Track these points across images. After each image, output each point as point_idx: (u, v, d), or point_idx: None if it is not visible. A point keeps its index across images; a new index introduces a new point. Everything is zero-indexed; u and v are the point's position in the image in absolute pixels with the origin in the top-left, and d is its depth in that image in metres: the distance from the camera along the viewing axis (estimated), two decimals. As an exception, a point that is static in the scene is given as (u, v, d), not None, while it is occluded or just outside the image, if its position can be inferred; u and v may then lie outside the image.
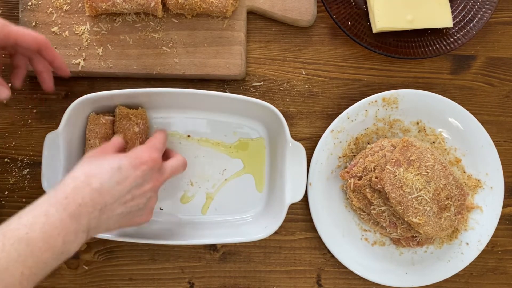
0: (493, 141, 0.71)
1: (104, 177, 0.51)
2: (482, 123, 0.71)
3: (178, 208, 0.71)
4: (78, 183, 0.50)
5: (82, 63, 0.70)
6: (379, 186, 0.65)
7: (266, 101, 0.66)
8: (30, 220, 0.46)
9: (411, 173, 0.64)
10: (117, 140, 0.62)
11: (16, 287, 0.44)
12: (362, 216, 0.71)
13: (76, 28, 0.70)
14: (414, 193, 0.64)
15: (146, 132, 0.68)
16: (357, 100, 0.70)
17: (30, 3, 0.70)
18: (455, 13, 0.73)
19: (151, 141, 0.61)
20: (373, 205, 0.67)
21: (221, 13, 0.67)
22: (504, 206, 0.72)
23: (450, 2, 0.72)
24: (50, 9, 0.70)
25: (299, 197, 0.66)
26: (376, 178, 0.65)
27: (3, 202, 0.72)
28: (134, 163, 0.54)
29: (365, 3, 0.73)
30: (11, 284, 0.43)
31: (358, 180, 0.68)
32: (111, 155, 0.56)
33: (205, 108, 0.70)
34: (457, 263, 0.71)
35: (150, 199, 0.58)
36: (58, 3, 0.70)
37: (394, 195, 0.64)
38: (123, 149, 0.63)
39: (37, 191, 0.72)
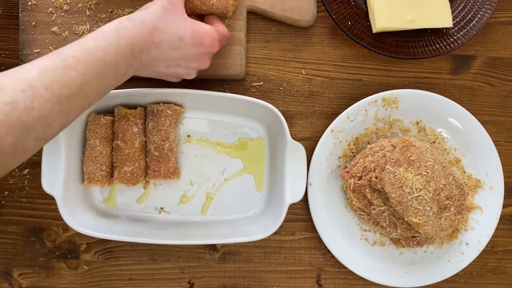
0: (493, 141, 0.71)
1: (166, 39, 0.56)
2: (482, 123, 0.71)
3: (178, 208, 0.71)
4: (145, 31, 0.55)
5: (82, 63, 0.70)
6: (379, 186, 0.65)
7: (266, 101, 0.66)
8: (105, 45, 0.51)
9: (411, 173, 0.64)
10: None
11: (91, 100, 0.51)
12: (362, 216, 0.71)
13: (76, 28, 0.70)
14: (414, 193, 0.64)
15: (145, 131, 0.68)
16: (357, 100, 0.70)
17: (30, 3, 0.70)
18: (455, 13, 0.73)
19: (218, 27, 0.64)
20: (373, 205, 0.67)
21: (222, 14, 0.67)
22: (504, 206, 0.72)
23: (450, 2, 0.72)
24: (50, 9, 0.70)
25: (299, 197, 0.66)
26: (376, 178, 0.65)
27: (3, 202, 0.72)
28: (195, 41, 0.59)
29: (365, 3, 0.73)
30: (88, 96, 0.50)
31: (358, 180, 0.68)
32: (181, 19, 0.59)
33: (205, 108, 0.70)
34: (457, 263, 0.71)
35: (190, 73, 0.63)
36: (58, 3, 0.70)
37: (394, 195, 0.64)
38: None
39: (37, 191, 0.72)
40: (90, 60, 0.50)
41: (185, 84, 0.73)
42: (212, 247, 0.73)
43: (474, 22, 0.72)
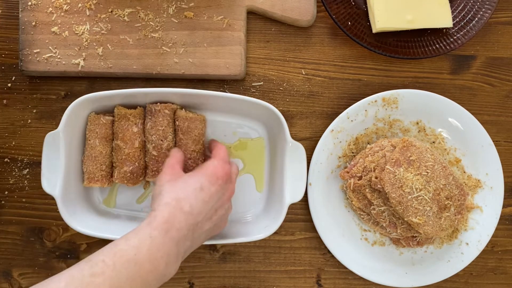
0: (493, 141, 0.71)
1: (191, 199, 0.54)
2: (482, 123, 0.71)
3: (178, 208, 0.71)
4: (172, 209, 0.53)
5: (82, 63, 0.70)
6: (379, 186, 0.65)
7: (266, 101, 0.66)
8: (137, 243, 0.49)
9: (411, 173, 0.64)
10: (178, 154, 0.63)
11: None
12: (362, 216, 0.71)
13: (76, 28, 0.70)
14: (414, 193, 0.64)
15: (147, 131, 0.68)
16: (357, 100, 0.70)
17: (30, 3, 0.70)
18: (455, 13, 0.73)
19: (219, 154, 0.62)
20: (373, 205, 0.67)
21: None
22: (504, 206, 0.72)
23: (450, 2, 0.72)
24: (50, 9, 0.70)
25: (299, 197, 0.66)
26: (376, 178, 0.65)
27: (3, 202, 0.72)
28: (212, 180, 0.57)
29: (365, 3, 0.73)
30: None
31: (358, 180, 0.68)
32: (188, 175, 0.58)
33: (205, 108, 0.70)
34: (457, 263, 0.71)
35: (228, 208, 0.62)
36: (58, 3, 0.70)
37: (394, 195, 0.64)
38: (184, 160, 0.64)
39: (37, 191, 0.72)
40: (120, 261, 0.47)
41: (185, 84, 0.73)
42: (212, 247, 0.73)
43: (474, 22, 0.72)
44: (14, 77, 0.73)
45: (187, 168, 0.66)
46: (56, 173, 0.64)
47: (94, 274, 0.46)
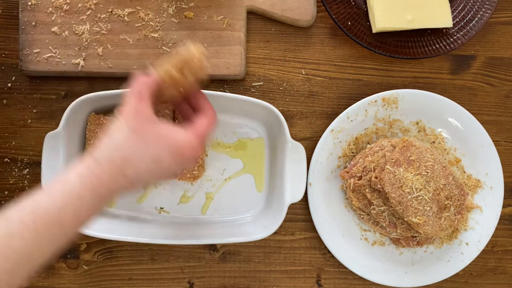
0: (493, 141, 0.71)
1: (141, 168, 0.48)
2: (482, 123, 0.71)
3: (178, 208, 0.71)
4: (115, 171, 0.47)
5: (82, 63, 0.70)
6: (379, 186, 0.65)
7: (266, 101, 0.66)
8: (63, 202, 0.45)
9: (411, 173, 0.64)
10: (146, 83, 0.51)
11: (43, 263, 0.44)
12: (362, 216, 0.71)
13: (76, 28, 0.70)
14: (414, 193, 0.64)
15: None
16: (357, 100, 0.70)
17: (30, 3, 0.70)
18: (455, 13, 0.73)
19: (202, 128, 0.52)
20: (373, 205, 0.67)
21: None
22: (504, 206, 0.72)
23: (450, 2, 0.72)
24: (50, 9, 0.70)
25: (299, 197, 0.66)
26: (376, 178, 0.65)
27: (3, 202, 0.72)
28: (176, 158, 0.50)
29: (365, 3, 0.73)
30: (41, 259, 0.44)
31: (358, 180, 0.68)
32: (155, 138, 0.49)
33: (205, 108, 0.70)
34: (457, 263, 0.71)
35: (175, 175, 0.56)
36: (58, 3, 0.70)
37: (394, 195, 0.64)
38: (156, 87, 0.53)
39: (37, 191, 0.72)
40: (42, 222, 0.43)
41: (185, 84, 0.73)
42: (212, 247, 0.73)
43: (474, 22, 0.72)
44: (14, 77, 0.73)
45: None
46: (56, 173, 0.64)
47: (11, 235, 0.42)
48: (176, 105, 0.59)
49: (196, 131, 0.52)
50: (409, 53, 0.71)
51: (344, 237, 0.71)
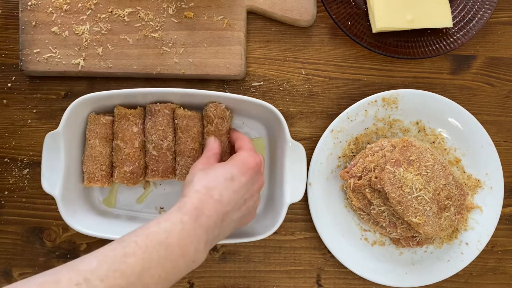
0: (493, 141, 0.71)
1: (222, 189, 0.55)
2: (482, 123, 0.71)
3: (178, 208, 0.71)
4: (202, 196, 0.53)
5: (82, 63, 0.70)
6: (378, 186, 0.65)
7: (266, 101, 0.66)
8: (168, 227, 0.49)
9: (411, 173, 0.64)
10: (215, 145, 0.64)
11: (148, 282, 0.47)
12: (362, 216, 0.71)
13: (76, 28, 0.70)
14: (413, 193, 0.64)
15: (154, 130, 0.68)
16: (357, 100, 0.70)
17: (30, 3, 0.70)
18: (455, 13, 0.73)
19: (246, 145, 0.63)
20: (373, 205, 0.67)
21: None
22: (504, 206, 0.72)
23: (450, 2, 0.72)
24: (50, 9, 0.70)
25: (299, 197, 0.66)
26: (376, 178, 0.65)
27: (3, 202, 0.72)
28: (243, 170, 0.57)
29: (365, 3, 0.73)
30: (149, 284, 0.47)
31: (358, 180, 0.68)
32: (220, 165, 0.58)
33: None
34: (457, 263, 0.71)
35: (257, 199, 0.62)
36: (58, 3, 0.70)
37: (394, 195, 0.64)
38: (220, 152, 0.65)
39: (37, 191, 0.72)
40: (152, 244, 0.48)
41: (185, 84, 0.73)
42: (212, 247, 0.72)
43: (474, 22, 0.72)
44: (14, 77, 0.73)
45: (187, 167, 0.67)
46: (56, 173, 0.64)
47: (127, 254, 0.46)
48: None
49: (244, 147, 0.62)
50: (409, 53, 0.71)
51: (344, 237, 0.71)
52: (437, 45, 0.72)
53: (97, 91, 0.66)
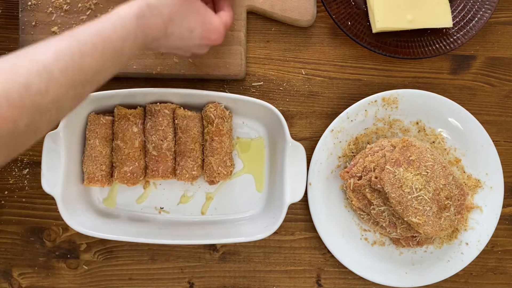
0: (493, 141, 0.71)
1: (177, 30, 0.56)
2: (482, 123, 0.71)
3: (178, 208, 0.71)
4: (161, 23, 0.54)
5: (82, 63, 0.70)
6: (378, 186, 0.65)
7: (266, 101, 0.66)
8: (125, 35, 0.51)
9: (411, 173, 0.64)
10: None
11: (100, 84, 0.51)
12: (362, 216, 0.71)
13: (76, 28, 0.70)
14: (413, 193, 0.64)
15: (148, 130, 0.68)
16: (357, 100, 0.70)
17: (30, 3, 0.70)
18: (455, 13, 0.73)
19: (225, 17, 0.63)
20: (373, 205, 0.67)
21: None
22: (504, 206, 0.72)
23: (450, 2, 0.72)
24: (50, 9, 0.70)
25: (298, 197, 0.66)
26: (376, 178, 0.65)
27: (3, 202, 0.72)
28: (203, 35, 0.59)
29: (365, 3, 0.73)
30: (101, 81, 0.50)
31: (358, 180, 0.68)
32: (196, 7, 0.58)
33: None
34: (456, 263, 0.71)
35: (184, 56, 0.64)
36: (58, 3, 0.70)
37: (394, 195, 0.64)
38: None
39: (37, 191, 0.72)
40: (109, 49, 0.49)
41: (185, 84, 0.73)
42: (212, 247, 0.73)
43: (474, 22, 0.72)
44: (14, 77, 0.73)
45: (187, 167, 0.67)
46: (56, 173, 0.64)
47: (84, 53, 0.47)
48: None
49: (224, 21, 0.62)
50: (409, 53, 0.71)
51: (344, 237, 0.71)
52: (437, 45, 0.72)
53: (97, 91, 0.66)
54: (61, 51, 0.46)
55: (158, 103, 0.67)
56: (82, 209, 0.68)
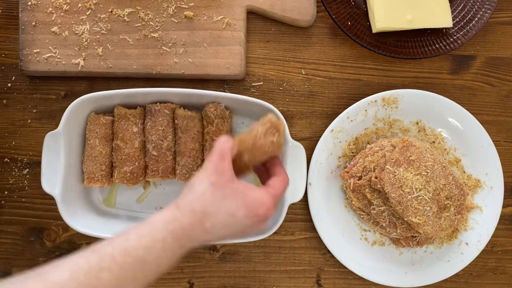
0: (493, 141, 0.71)
1: (217, 221, 0.52)
2: (482, 123, 0.71)
3: (178, 208, 0.71)
4: (195, 220, 0.50)
5: (82, 63, 0.70)
6: (378, 186, 0.65)
7: (266, 101, 0.66)
8: (149, 243, 0.48)
9: (411, 173, 0.64)
10: (228, 145, 0.55)
11: None
12: (361, 216, 0.71)
13: (76, 28, 0.70)
14: (413, 193, 0.64)
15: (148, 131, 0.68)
16: (357, 100, 0.70)
17: (30, 3, 0.70)
18: (455, 13, 0.73)
19: (277, 189, 0.56)
20: (373, 205, 0.67)
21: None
22: (504, 206, 0.72)
23: (450, 2, 0.72)
24: (50, 9, 0.70)
25: (299, 197, 0.66)
26: (376, 178, 0.65)
27: (3, 202, 0.72)
28: (249, 215, 0.53)
29: (365, 3, 0.73)
30: None
31: (358, 180, 0.68)
32: (232, 192, 0.53)
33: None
34: (456, 263, 0.71)
35: (244, 238, 0.61)
36: (58, 3, 0.70)
37: (394, 195, 0.64)
38: (235, 152, 0.57)
39: (37, 191, 0.72)
40: (129, 261, 0.46)
41: (185, 84, 0.73)
42: (212, 247, 0.73)
43: (474, 22, 0.72)
44: (14, 77, 0.73)
45: (187, 167, 0.66)
46: (56, 173, 0.64)
47: (102, 269, 0.44)
48: (254, 167, 0.62)
49: (271, 191, 0.55)
50: (409, 53, 0.71)
51: (344, 237, 0.71)
52: (437, 45, 0.72)
53: (97, 91, 0.66)
54: (78, 269, 0.44)
55: (158, 103, 0.67)
56: (82, 209, 0.68)
